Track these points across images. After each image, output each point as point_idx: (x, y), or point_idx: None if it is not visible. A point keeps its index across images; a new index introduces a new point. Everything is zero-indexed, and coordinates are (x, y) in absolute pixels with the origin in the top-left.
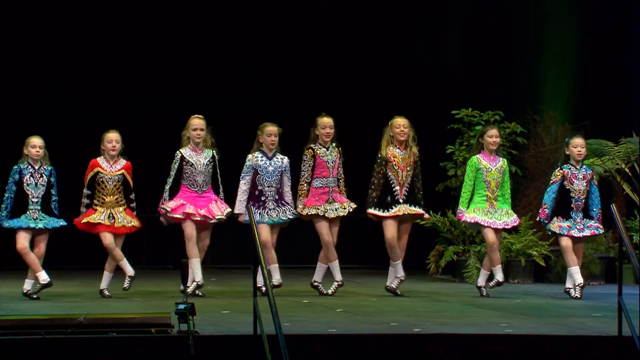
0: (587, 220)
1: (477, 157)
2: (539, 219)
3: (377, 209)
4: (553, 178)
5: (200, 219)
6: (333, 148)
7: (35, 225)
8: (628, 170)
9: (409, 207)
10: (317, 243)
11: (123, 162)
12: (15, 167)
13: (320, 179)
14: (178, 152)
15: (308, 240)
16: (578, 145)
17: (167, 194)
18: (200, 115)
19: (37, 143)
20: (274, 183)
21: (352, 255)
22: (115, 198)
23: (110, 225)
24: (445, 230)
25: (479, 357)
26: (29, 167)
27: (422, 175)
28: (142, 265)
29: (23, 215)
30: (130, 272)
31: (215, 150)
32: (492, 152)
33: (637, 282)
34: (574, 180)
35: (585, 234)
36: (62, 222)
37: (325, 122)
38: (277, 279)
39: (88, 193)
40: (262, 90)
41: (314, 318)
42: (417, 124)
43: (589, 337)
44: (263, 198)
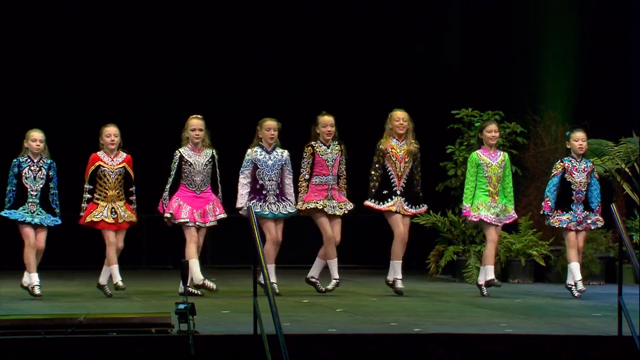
0: (587, 213)
1: (477, 152)
2: (542, 212)
3: (373, 201)
4: (554, 171)
5: (195, 225)
6: (334, 146)
7: (32, 220)
8: (628, 170)
9: (405, 204)
10: (317, 243)
11: (123, 155)
12: (15, 160)
13: (320, 177)
14: (177, 151)
15: (308, 241)
16: (579, 139)
17: (167, 194)
18: (199, 116)
19: (37, 137)
20: (275, 177)
21: (352, 255)
22: (117, 192)
23: (114, 222)
24: (445, 230)
25: (479, 357)
26: (28, 160)
27: (421, 171)
28: (142, 265)
29: (21, 208)
30: (118, 278)
31: (215, 151)
32: (491, 147)
33: (637, 282)
34: (575, 173)
35: (584, 227)
36: (57, 221)
37: (326, 120)
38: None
39: (89, 188)
40: (262, 91)
41: (314, 318)
42: (417, 124)
43: (589, 337)
44: (264, 192)
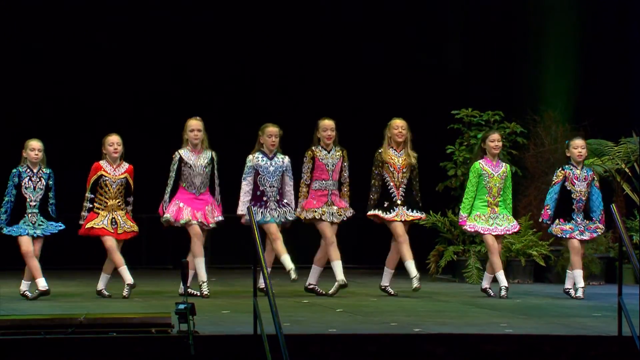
0: (587, 222)
1: (479, 162)
2: (542, 220)
3: (378, 211)
4: (555, 179)
5: (196, 224)
6: (335, 151)
7: (34, 233)
8: (628, 170)
9: (407, 211)
10: (317, 243)
11: (126, 165)
12: (15, 170)
13: (319, 182)
14: (177, 153)
15: (308, 241)
16: (578, 147)
17: (167, 196)
18: (198, 117)
19: (36, 146)
20: (275, 183)
21: (352, 255)
22: (117, 202)
23: (113, 232)
24: (445, 230)
25: (479, 357)
26: (28, 170)
27: (420, 178)
28: (142, 265)
29: (22, 221)
30: (130, 280)
31: (214, 152)
32: (494, 156)
33: (637, 282)
34: (576, 182)
35: (585, 238)
36: (60, 226)
37: (327, 124)
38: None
39: (91, 197)
40: (262, 91)
41: (314, 318)
42: (417, 124)
43: (589, 337)
44: (265, 198)
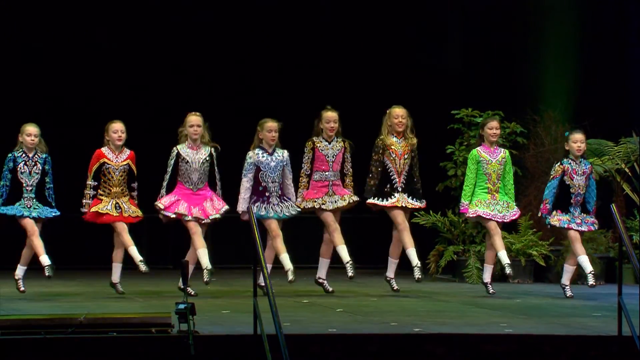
0: (584, 215)
1: (477, 149)
2: (541, 214)
3: (376, 198)
4: (553, 173)
5: (192, 220)
6: (337, 142)
7: (29, 214)
8: (628, 170)
9: (408, 199)
10: (317, 243)
11: (127, 151)
12: (10, 155)
13: (320, 173)
14: (174, 148)
15: (308, 240)
16: (578, 141)
17: (163, 191)
18: (197, 112)
19: (32, 131)
20: (277, 178)
21: (352, 255)
22: (121, 189)
23: (119, 215)
24: (445, 230)
25: (479, 357)
26: (23, 155)
27: (420, 169)
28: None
29: (17, 203)
30: (139, 257)
31: (214, 148)
32: (492, 143)
33: (637, 282)
34: (574, 176)
35: (583, 229)
36: (55, 212)
37: (330, 116)
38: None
39: (94, 184)
40: (263, 89)
41: (314, 318)
42: (417, 124)
43: (589, 337)
44: (267, 194)
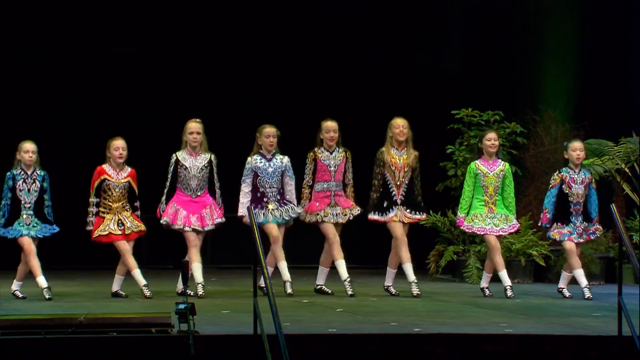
0: (586, 224)
1: (475, 162)
2: (541, 224)
3: (375, 214)
4: (552, 182)
5: (190, 230)
6: (338, 152)
7: (28, 233)
8: (628, 170)
9: (407, 212)
10: (317, 243)
11: (128, 169)
12: (9, 173)
13: (322, 183)
14: (174, 155)
15: (308, 241)
16: (577, 149)
17: (164, 198)
18: (198, 119)
19: (29, 148)
20: (275, 184)
21: (352, 255)
22: (122, 204)
23: (122, 233)
24: (445, 230)
25: (479, 357)
26: (22, 172)
27: (421, 177)
28: (142, 265)
29: (16, 222)
30: (143, 281)
31: (214, 155)
32: (491, 155)
33: (637, 282)
34: (572, 185)
35: (581, 241)
36: (54, 229)
37: (329, 126)
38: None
39: (96, 201)
40: (262, 92)
41: (314, 318)
42: (417, 124)
43: (589, 337)
44: (265, 199)
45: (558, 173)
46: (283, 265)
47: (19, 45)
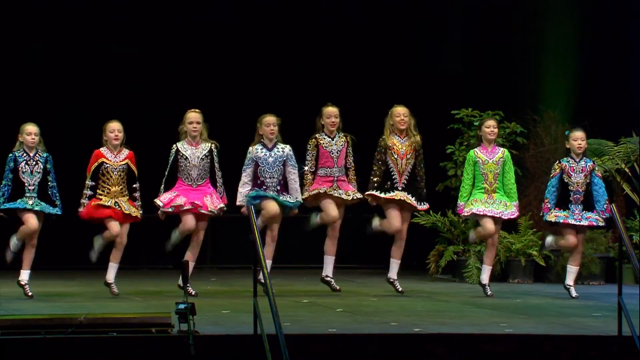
0: (585, 212)
1: (474, 150)
2: (542, 214)
3: (375, 191)
4: (552, 172)
5: (191, 207)
6: (339, 138)
7: (32, 207)
8: (628, 170)
9: (408, 196)
10: (318, 243)
11: (126, 151)
12: (11, 155)
13: (324, 169)
14: (174, 145)
15: (308, 241)
16: (578, 139)
17: (162, 187)
18: (197, 109)
19: (32, 130)
20: (275, 174)
21: (352, 255)
22: (120, 188)
23: (120, 212)
24: (445, 230)
25: (479, 357)
26: (24, 154)
27: (423, 165)
28: (142, 265)
29: (19, 200)
30: (109, 279)
31: (214, 144)
32: (490, 142)
33: (637, 282)
34: (572, 173)
35: (583, 224)
36: (58, 210)
37: (330, 111)
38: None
39: (92, 184)
40: (263, 90)
41: (314, 318)
42: (417, 124)
43: (589, 337)
44: (264, 188)
45: (558, 163)
46: (268, 263)
47: (19, 45)
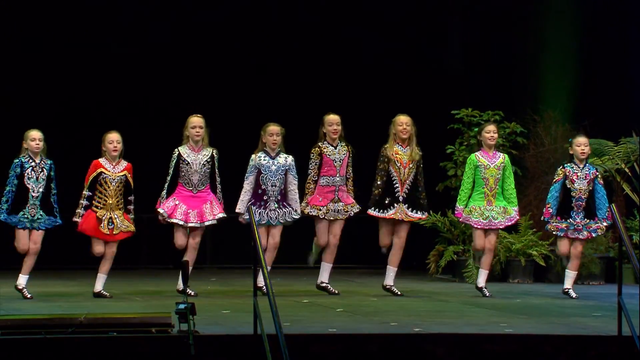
0: (587, 221)
1: (475, 154)
2: (543, 218)
3: (375, 210)
4: (555, 177)
5: (190, 225)
6: (342, 147)
7: (31, 227)
8: (628, 170)
9: (407, 210)
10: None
11: (124, 163)
12: (16, 160)
13: (327, 178)
14: (176, 150)
15: (308, 241)
16: (581, 144)
17: (164, 192)
18: (199, 114)
19: (36, 136)
20: (278, 182)
21: (352, 255)
22: (117, 200)
23: (109, 233)
24: (445, 230)
25: (479, 357)
26: (30, 160)
27: (423, 176)
28: (142, 265)
29: (20, 213)
30: (97, 289)
31: (215, 150)
32: (490, 148)
33: (637, 282)
34: (575, 180)
35: (580, 237)
36: (57, 221)
37: (332, 119)
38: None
39: (88, 194)
40: (265, 91)
41: (314, 318)
42: (417, 124)
43: (589, 337)
44: (265, 197)
45: (562, 168)
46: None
47: (19, 47)
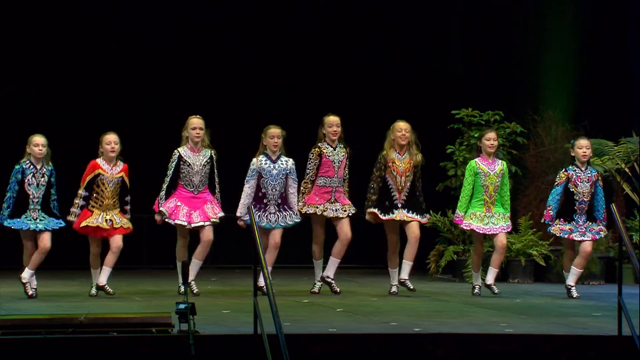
0: (590, 224)
1: (475, 161)
2: (544, 221)
3: (377, 210)
4: (557, 180)
5: (193, 227)
6: (341, 148)
7: (36, 227)
8: (628, 170)
9: (407, 213)
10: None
11: (121, 164)
12: (18, 166)
13: (325, 178)
14: (176, 151)
15: (309, 241)
16: (583, 147)
17: (163, 193)
18: (199, 115)
19: (39, 141)
20: (278, 186)
21: (352, 255)
22: (113, 201)
23: (110, 228)
24: (445, 230)
25: (479, 357)
26: (31, 166)
27: (422, 179)
28: (142, 265)
29: (23, 216)
30: (100, 282)
31: (214, 151)
32: (490, 155)
33: (637, 282)
34: (579, 183)
35: (585, 239)
36: (61, 223)
37: (332, 120)
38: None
39: (85, 194)
40: (266, 92)
41: (314, 318)
42: (417, 124)
43: (589, 337)
44: (265, 200)
45: (564, 171)
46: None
47: (20, 47)
